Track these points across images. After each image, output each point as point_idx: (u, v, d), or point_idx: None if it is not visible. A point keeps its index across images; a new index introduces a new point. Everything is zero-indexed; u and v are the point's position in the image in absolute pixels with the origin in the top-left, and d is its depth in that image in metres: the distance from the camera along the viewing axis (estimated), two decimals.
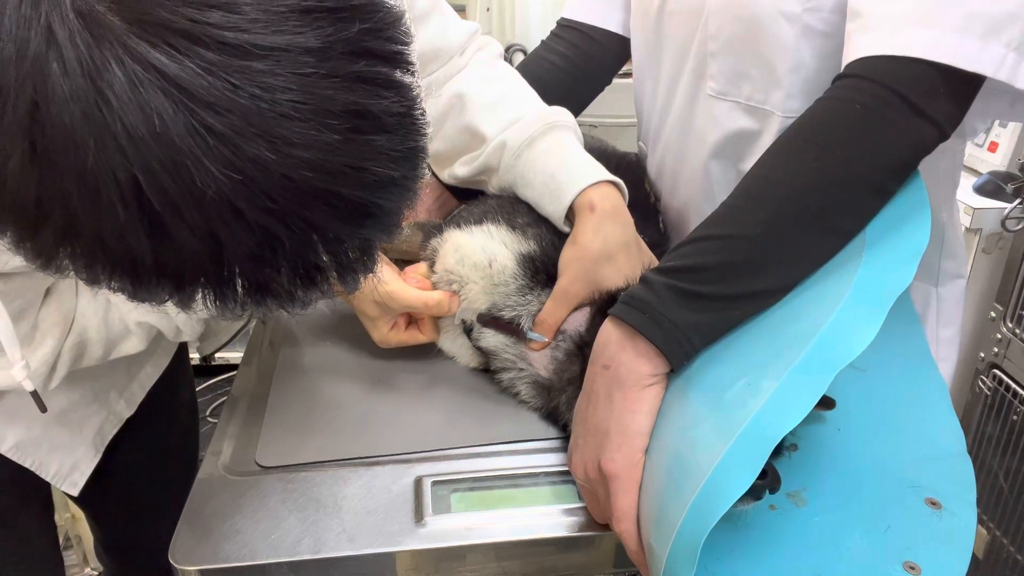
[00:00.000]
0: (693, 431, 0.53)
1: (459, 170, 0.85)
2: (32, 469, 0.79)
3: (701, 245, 0.59)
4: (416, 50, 0.79)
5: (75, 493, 0.84)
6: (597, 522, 0.61)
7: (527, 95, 0.84)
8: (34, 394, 0.63)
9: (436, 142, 0.85)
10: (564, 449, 0.69)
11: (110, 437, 0.88)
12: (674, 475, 0.52)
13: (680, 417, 0.55)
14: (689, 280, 0.57)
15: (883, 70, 0.58)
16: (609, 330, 0.60)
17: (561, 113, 0.81)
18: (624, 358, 0.58)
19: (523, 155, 0.78)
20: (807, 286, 0.59)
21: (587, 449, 0.60)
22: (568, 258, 0.73)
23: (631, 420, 0.57)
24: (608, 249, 0.72)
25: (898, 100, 0.57)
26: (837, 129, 0.59)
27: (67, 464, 0.82)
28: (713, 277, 0.57)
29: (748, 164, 0.81)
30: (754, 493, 0.54)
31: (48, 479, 0.81)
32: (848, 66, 0.61)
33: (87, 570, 1.58)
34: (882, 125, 0.58)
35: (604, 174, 0.75)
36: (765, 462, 0.48)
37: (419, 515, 0.61)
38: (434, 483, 0.65)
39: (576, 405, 0.63)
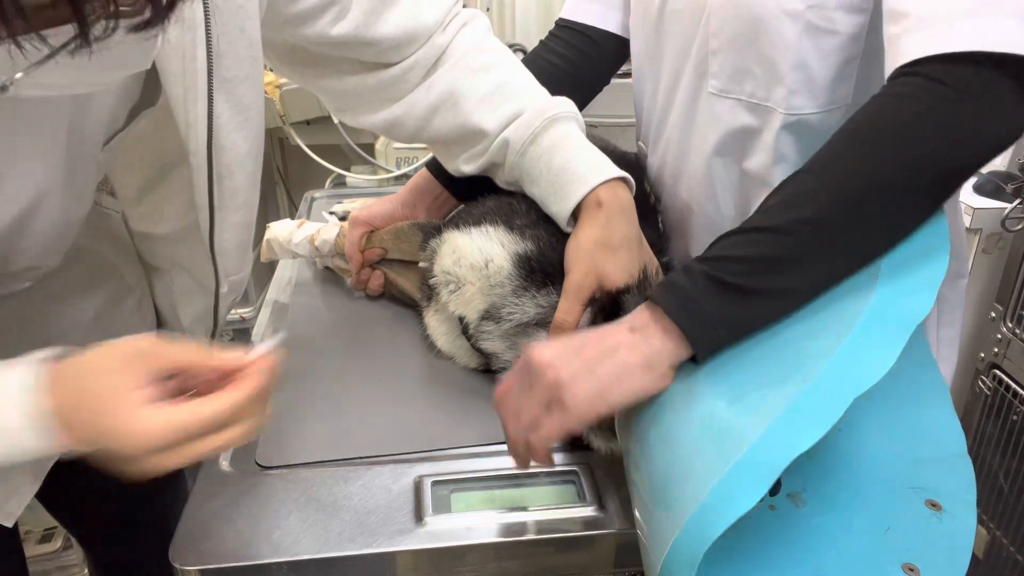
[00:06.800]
0: (696, 446, 0.53)
1: (464, 167, 0.85)
2: None
3: (747, 237, 0.58)
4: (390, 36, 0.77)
5: (10, 525, 0.73)
6: (496, 397, 0.60)
7: (522, 81, 0.83)
8: None
9: (425, 134, 0.84)
10: (564, 449, 0.69)
11: (51, 463, 0.75)
12: (671, 491, 0.52)
13: (686, 428, 0.55)
14: (728, 271, 0.56)
15: (946, 68, 0.55)
16: (644, 310, 0.59)
17: (562, 104, 0.80)
18: (652, 331, 0.57)
19: (527, 152, 0.78)
20: (821, 305, 0.58)
21: (562, 359, 0.57)
22: (575, 252, 0.73)
23: (620, 387, 0.56)
24: (613, 243, 0.72)
25: (970, 99, 0.54)
26: (901, 129, 0.56)
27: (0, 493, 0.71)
28: (755, 270, 0.56)
29: (751, 162, 0.81)
30: None
31: None
32: (904, 66, 0.58)
33: (86, 571, 1.58)
34: (953, 125, 0.55)
35: (611, 171, 0.75)
36: (773, 480, 0.46)
37: (419, 515, 0.61)
38: (434, 483, 0.65)
39: (582, 326, 0.60)
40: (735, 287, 0.56)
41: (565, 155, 0.76)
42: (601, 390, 0.56)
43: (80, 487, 0.81)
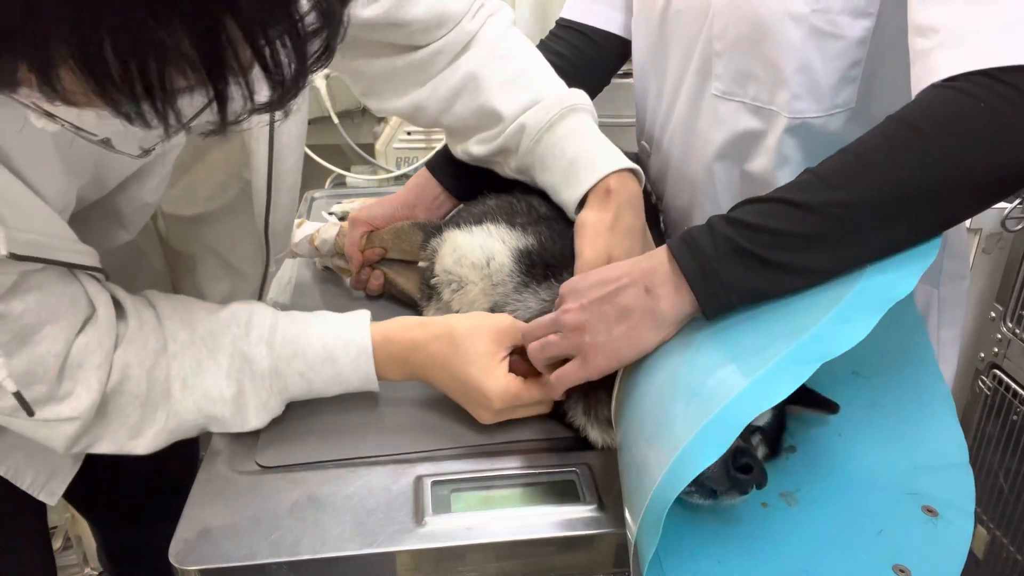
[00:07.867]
0: (679, 403, 0.54)
1: (475, 149, 0.85)
2: (7, 477, 0.74)
3: (776, 207, 0.57)
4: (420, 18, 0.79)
5: (52, 503, 0.78)
6: (521, 336, 0.68)
7: (542, 70, 0.84)
8: (18, 395, 0.58)
9: (447, 118, 0.85)
10: (564, 449, 0.70)
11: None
12: (648, 464, 0.52)
13: (665, 407, 0.56)
14: (752, 240, 0.56)
15: (1008, 72, 0.54)
16: (662, 257, 0.61)
17: (579, 95, 0.81)
18: (664, 292, 0.59)
19: (543, 139, 0.78)
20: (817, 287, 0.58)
21: (588, 319, 0.62)
22: (584, 232, 0.73)
23: (631, 349, 0.61)
24: (620, 229, 0.73)
25: None
26: (957, 122, 0.54)
27: (44, 473, 0.76)
28: (778, 243, 0.56)
29: (753, 165, 0.81)
30: (740, 488, 0.54)
31: (24, 488, 0.75)
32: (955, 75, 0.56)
33: (87, 570, 1.58)
34: (1015, 124, 0.53)
35: (623, 161, 0.76)
36: (734, 439, 0.48)
37: (419, 515, 0.61)
38: (434, 483, 0.65)
39: (597, 308, 0.62)
40: (756, 257, 0.56)
41: (579, 144, 0.77)
42: (616, 350, 0.61)
43: (96, 471, 0.83)
